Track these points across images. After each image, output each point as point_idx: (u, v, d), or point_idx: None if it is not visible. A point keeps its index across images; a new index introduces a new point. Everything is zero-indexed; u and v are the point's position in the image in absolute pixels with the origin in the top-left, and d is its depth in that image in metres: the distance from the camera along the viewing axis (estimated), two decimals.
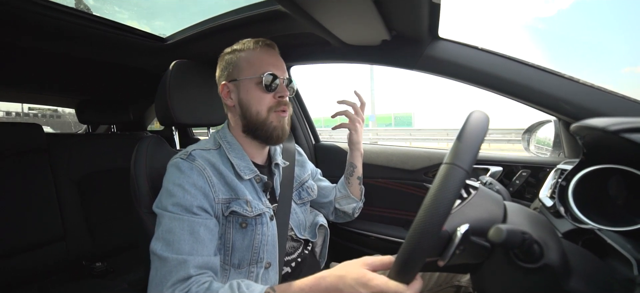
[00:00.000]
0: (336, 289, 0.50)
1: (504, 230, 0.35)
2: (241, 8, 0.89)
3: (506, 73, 0.77)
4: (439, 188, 0.39)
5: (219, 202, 0.67)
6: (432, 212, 0.37)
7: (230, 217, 0.68)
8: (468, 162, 0.38)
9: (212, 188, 0.67)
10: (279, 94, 0.73)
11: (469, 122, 0.41)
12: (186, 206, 0.62)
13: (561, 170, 0.74)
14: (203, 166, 0.68)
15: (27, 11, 0.83)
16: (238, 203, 0.69)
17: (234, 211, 0.68)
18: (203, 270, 0.59)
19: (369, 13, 0.67)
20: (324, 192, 0.99)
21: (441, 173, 0.40)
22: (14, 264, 1.17)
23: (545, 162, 0.98)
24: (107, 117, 1.66)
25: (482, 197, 0.45)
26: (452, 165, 0.39)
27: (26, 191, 1.22)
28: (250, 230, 0.69)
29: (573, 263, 0.39)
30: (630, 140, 0.40)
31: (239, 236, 0.69)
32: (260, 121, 0.72)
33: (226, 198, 0.68)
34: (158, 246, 0.60)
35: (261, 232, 0.70)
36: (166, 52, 1.16)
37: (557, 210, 0.60)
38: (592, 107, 0.69)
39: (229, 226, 0.68)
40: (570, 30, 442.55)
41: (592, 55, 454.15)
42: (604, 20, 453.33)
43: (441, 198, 0.37)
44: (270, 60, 0.73)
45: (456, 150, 0.40)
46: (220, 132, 0.79)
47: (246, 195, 0.70)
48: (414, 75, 1.73)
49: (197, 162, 0.68)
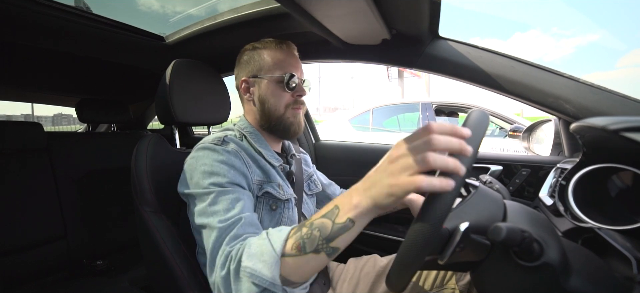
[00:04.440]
0: (365, 179, 0.47)
1: (503, 229, 0.35)
2: (241, 7, 0.89)
3: (507, 72, 0.77)
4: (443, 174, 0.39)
5: (255, 183, 0.70)
6: (432, 210, 0.37)
7: (262, 198, 0.70)
8: (468, 160, 0.38)
9: (249, 168, 0.69)
10: (297, 93, 0.77)
11: (469, 120, 0.41)
12: (227, 182, 0.63)
13: (561, 169, 0.75)
14: (238, 149, 0.70)
15: (26, 10, 0.83)
16: (271, 185, 0.72)
17: (268, 192, 0.70)
18: (251, 227, 0.60)
19: (369, 12, 0.67)
20: (328, 190, 1.02)
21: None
22: (14, 262, 1.17)
23: (545, 161, 0.98)
24: (107, 116, 1.66)
25: (482, 195, 0.45)
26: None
27: (26, 190, 1.22)
28: (279, 212, 0.72)
29: (573, 262, 0.40)
30: (630, 139, 0.40)
31: (267, 217, 0.71)
32: (278, 117, 0.76)
33: (260, 180, 0.71)
34: (205, 219, 0.60)
35: (287, 216, 0.73)
36: (166, 51, 1.16)
37: (557, 208, 0.60)
38: (592, 106, 0.69)
39: (259, 206, 0.70)
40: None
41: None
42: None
43: (441, 197, 0.37)
44: (291, 61, 0.77)
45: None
46: (239, 124, 0.81)
47: (278, 179, 0.74)
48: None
49: (231, 145, 0.69)
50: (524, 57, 0.77)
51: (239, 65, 0.80)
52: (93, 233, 1.38)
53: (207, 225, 0.60)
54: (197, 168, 0.65)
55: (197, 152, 0.68)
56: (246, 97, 0.79)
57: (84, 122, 1.68)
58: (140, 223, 0.76)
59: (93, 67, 1.39)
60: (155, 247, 0.73)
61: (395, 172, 0.41)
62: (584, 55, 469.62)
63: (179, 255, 0.73)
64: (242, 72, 0.79)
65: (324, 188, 1.02)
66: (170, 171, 0.81)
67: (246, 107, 0.81)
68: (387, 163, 0.43)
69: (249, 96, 0.78)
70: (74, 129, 2.78)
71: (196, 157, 0.67)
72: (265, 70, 0.76)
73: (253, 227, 0.60)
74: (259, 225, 0.62)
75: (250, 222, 0.60)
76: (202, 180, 0.63)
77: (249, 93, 0.78)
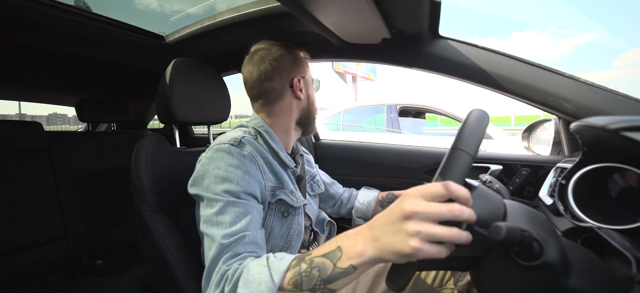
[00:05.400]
0: (372, 226, 0.45)
1: (503, 228, 0.35)
2: (241, 6, 0.89)
3: (507, 71, 0.77)
4: (444, 171, 0.39)
5: (268, 190, 0.69)
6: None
7: (275, 205, 0.70)
8: (473, 147, 0.38)
9: (264, 175, 0.69)
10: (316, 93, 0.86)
11: (470, 117, 0.41)
12: (240, 192, 0.62)
13: (561, 169, 0.75)
14: (254, 153, 0.68)
15: (26, 10, 0.83)
16: (284, 192, 0.72)
17: (281, 199, 0.71)
18: (252, 246, 0.59)
19: (369, 11, 0.67)
20: (331, 189, 1.03)
21: (447, 157, 0.40)
22: (14, 262, 1.17)
23: (545, 161, 0.98)
24: (107, 115, 1.66)
25: (482, 195, 0.45)
26: (457, 149, 0.39)
27: (26, 189, 1.22)
28: (290, 219, 0.72)
29: (573, 261, 0.39)
30: (630, 139, 0.40)
31: (278, 224, 0.71)
32: (314, 114, 0.84)
33: (273, 186, 0.71)
34: (209, 229, 0.60)
35: (297, 222, 0.73)
36: (166, 50, 1.16)
37: (556, 208, 0.60)
38: (592, 106, 0.69)
39: (271, 213, 0.70)
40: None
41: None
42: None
43: (449, 175, 0.38)
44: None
45: (460, 137, 0.40)
46: (254, 122, 0.78)
47: (290, 185, 0.74)
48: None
49: (248, 148, 0.68)
50: (522, 57, 0.77)
51: (275, 63, 0.76)
52: (93, 233, 1.38)
53: (210, 235, 0.59)
54: (210, 170, 0.64)
55: (212, 153, 0.66)
56: (298, 94, 0.78)
57: (84, 121, 1.68)
58: (140, 223, 0.76)
59: (93, 67, 1.39)
60: (155, 247, 0.73)
61: (409, 234, 0.38)
62: (581, 55, 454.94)
63: (179, 255, 0.73)
64: (290, 71, 0.78)
65: (326, 188, 1.02)
66: (170, 171, 0.81)
67: (281, 103, 0.78)
68: (400, 220, 0.40)
69: (300, 94, 0.79)
70: (68, 129, 2.77)
71: (211, 158, 0.66)
72: (304, 71, 0.81)
73: (254, 246, 0.59)
74: (260, 245, 0.61)
75: (252, 240, 0.59)
76: (214, 185, 0.62)
77: (300, 91, 0.79)
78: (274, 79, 0.77)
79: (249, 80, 0.78)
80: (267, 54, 0.77)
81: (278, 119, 0.79)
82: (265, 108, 0.79)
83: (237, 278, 0.52)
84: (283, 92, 0.78)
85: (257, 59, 0.77)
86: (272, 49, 0.78)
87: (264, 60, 0.77)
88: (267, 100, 0.78)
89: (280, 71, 0.77)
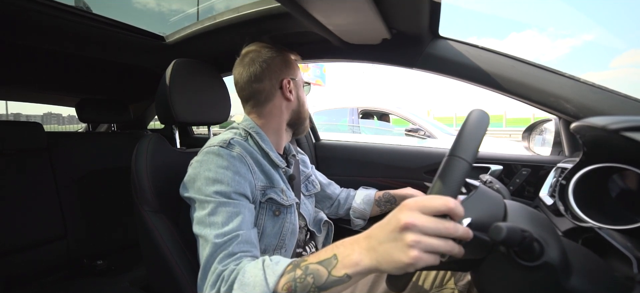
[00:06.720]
0: (369, 236, 0.45)
1: (503, 228, 0.35)
2: (241, 6, 0.89)
3: (507, 72, 0.77)
4: (441, 178, 0.39)
5: (258, 189, 0.70)
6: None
7: (265, 204, 0.71)
8: (471, 154, 0.38)
9: (254, 174, 0.69)
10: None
11: (470, 119, 0.41)
12: (230, 192, 0.63)
13: (561, 169, 0.75)
14: (244, 154, 0.69)
15: (26, 10, 0.83)
16: (274, 191, 0.72)
17: (272, 198, 0.71)
18: (246, 245, 0.60)
19: (369, 12, 0.67)
20: (328, 189, 1.03)
21: (444, 165, 0.40)
22: (14, 262, 1.17)
23: (545, 161, 0.98)
24: (107, 115, 1.66)
25: (482, 195, 0.45)
26: (455, 157, 0.39)
27: (27, 190, 1.22)
28: (282, 218, 0.73)
29: (573, 262, 0.39)
30: (630, 139, 0.40)
31: (270, 223, 0.71)
32: (305, 115, 0.85)
33: (263, 185, 0.71)
34: (202, 230, 0.60)
35: (289, 220, 0.74)
36: (166, 51, 1.16)
37: (557, 208, 0.60)
38: (593, 106, 0.69)
39: (262, 212, 0.71)
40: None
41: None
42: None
43: (446, 188, 0.38)
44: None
45: (458, 143, 0.40)
46: (245, 123, 0.79)
47: (281, 185, 0.74)
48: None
49: (237, 149, 0.69)
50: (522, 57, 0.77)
51: (264, 65, 0.77)
52: (93, 233, 1.38)
53: (203, 236, 0.60)
54: (201, 173, 0.65)
55: (202, 156, 0.68)
56: (287, 96, 0.79)
57: (84, 121, 1.68)
58: (140, 223, 0.76)
59: (93, 67, 1.39)
60: (155, 247, 0.73)
61: (408, 245, 0.39)
62: (578, 55, 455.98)
63: (179, 255, 0.73)
64: (275, 72, 0.78)
65: (323, 188, 1.02)
66: (170, 171, 0.81)
67: (272, 104, 0.78)
68: (398, 231, 0.40)
69: (290, 95, 0.79)
70: (63, 129, 2.78)
71: (201, 161, 0.67)
72: (295, 73, 0.82)
73: (249, 245, 0.60)
74: (254, 243, 0.62)
75: (246, 239, 0.60)
76: (205, 187, 0.63)
77: (290, 92, 0.79)
78: (264, 80, 0.77)
79: (239, 81, 0.79)
80: (257, 56, 0.78)
81: (268, 120, 0.79)
82: (256, 109, 0.79)
83: (232, 279, 0.53)
84: (273, 94, 0.78)
85: (248, 60, 0.78)
86: (262, 51, 0.79)
87: (254, 62, 0.77)
88: (258, 102, 0.79)
89: (270, 73, 0.78)
